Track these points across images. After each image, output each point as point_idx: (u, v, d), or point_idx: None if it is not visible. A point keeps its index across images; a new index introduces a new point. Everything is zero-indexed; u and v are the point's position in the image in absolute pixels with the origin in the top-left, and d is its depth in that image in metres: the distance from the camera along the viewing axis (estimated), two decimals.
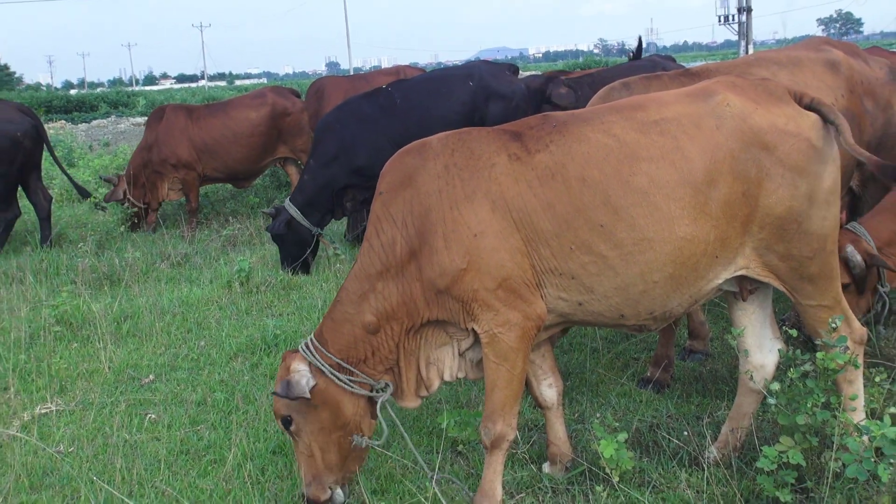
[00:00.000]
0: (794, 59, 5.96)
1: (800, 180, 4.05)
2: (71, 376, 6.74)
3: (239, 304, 8.48)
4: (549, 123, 4.23)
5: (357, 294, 4.32)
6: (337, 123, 9.41)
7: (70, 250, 11.12)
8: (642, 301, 4.19)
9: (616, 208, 4.02)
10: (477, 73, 9.38)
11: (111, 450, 5.33)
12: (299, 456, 4.38)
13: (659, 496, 4.38)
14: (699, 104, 4.14)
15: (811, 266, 4.16)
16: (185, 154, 12.30)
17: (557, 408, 4.73)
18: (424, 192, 4.18)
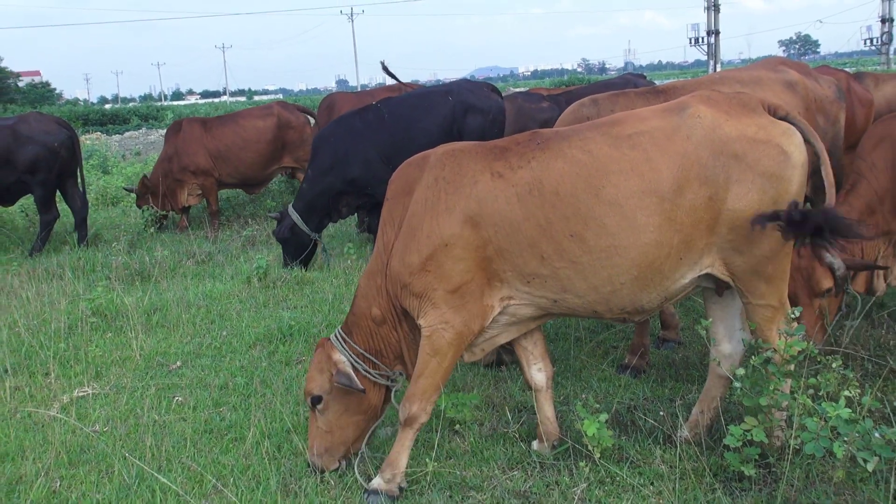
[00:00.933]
0: (755, 78, 5.95)
1: (768, 185, 4.02)
2: (106, 363, 6.74)
3: (257, 297, 8.48)
4: (535, 140, 4.24)
5: (367, 290, 4.49)
6: (332, 137, 9.52)
7: (105, 249, 11.11)
8: (613, 299, 4.19)
9: (586, 219, 4.03)
10: (456, 90, 9.43)
11: (142, 429, 5.33)
12: (315, 430, 4.51)
13: (636, 470, 4.38)
14: (673, 118, 4.12)
15: (768, 266, 4.13)
16: (203, 161, 12.33)
17: (547, 390, 4.73)
18: (416, 199, 4.27)
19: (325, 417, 4.48)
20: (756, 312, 4.27)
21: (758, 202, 4.01)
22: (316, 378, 4.46)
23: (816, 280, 5.18)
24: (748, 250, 4.10)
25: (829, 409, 3.78)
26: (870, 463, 3.65)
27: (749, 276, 4.17)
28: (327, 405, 4.46)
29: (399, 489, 4.32)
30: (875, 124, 5.76)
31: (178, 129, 12.63)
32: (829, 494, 3.73)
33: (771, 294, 4.22)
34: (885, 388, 4.76)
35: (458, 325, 4.21)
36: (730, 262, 4.16)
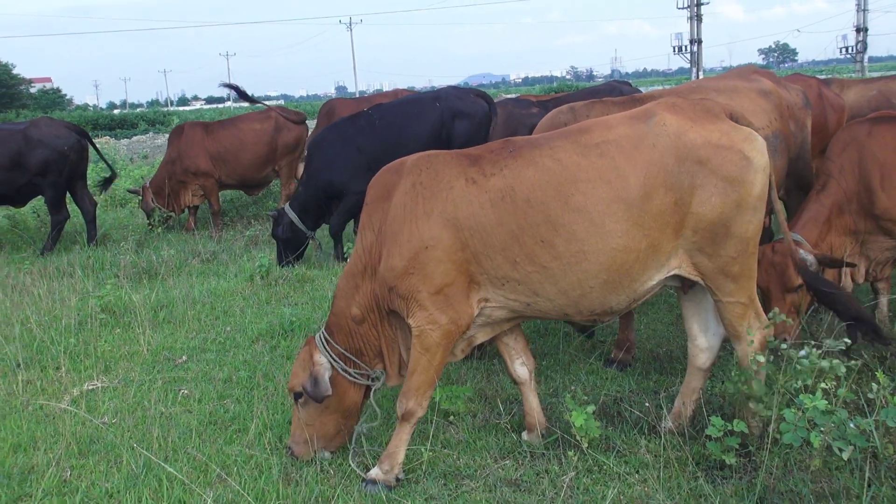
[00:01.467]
0: (731, 87, 5.95)
1: (731, 189, 4.02)
2: (114, 357, 6.72)
3: (260, 294, 8.47)
4: (507, 148, 4.24)
5: (347, 290, 4.49)
6: (324, 142, 9.58)
7: (113, 248, 11.08)
8: (582, 302, 4.19)
9: (556, 225, 4.03)
10: (444, 96, 9.44)
11: (149, 421, 5.32)
12: (297, 421, 4.55)
13: (622, 460, 4.39)
14: (639, 125, 4.12)
15: (734, 266, 4.13)
16: (203, 163, 12.33)
17: (530, 383, 4.74)
18: (395, 204, 4.26)
19: (306, 412, 4.51)
20: (726, 309, 4.27)
21: (721, 205, 4.01)
22: (299, 374, 4.46)
23: (789, 276, 5.20)
24: (713, 251, 4.10)
25: (807, 400, 3.80)
26: (845, 452, 3.67)
27: (716, 275, 4.17)
28: (308, 401, 4.46)
29: (396, 479, 4.32)
30: (843, 129, 5.82)
31: (181, 133, 12.64)
32: (807, 482, 3.74)
33: (739, 292, 4.21)
34: (860, 380, 4.77)
35: (445, 325, 4.20)
36: (697, 263, 4.16)
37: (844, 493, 3.62)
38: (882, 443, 3.77)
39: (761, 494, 3.81)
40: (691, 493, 4.00)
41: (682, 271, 4.19)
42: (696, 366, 4.58)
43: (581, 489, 4.14)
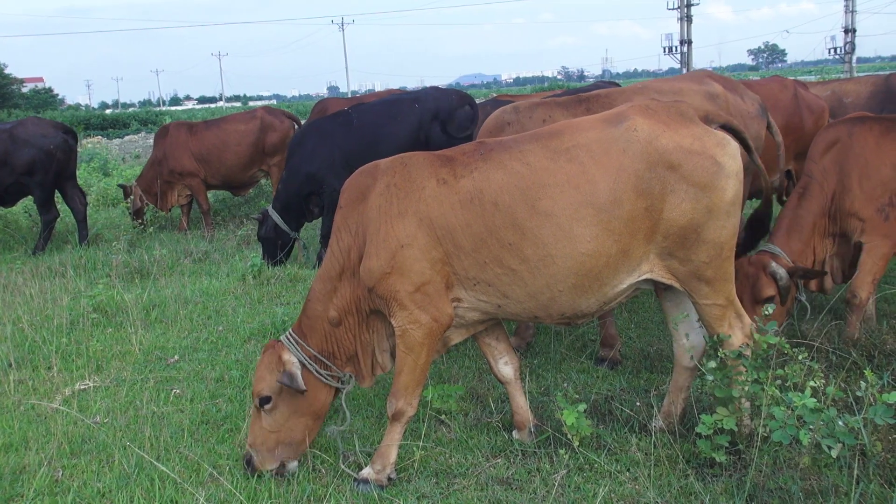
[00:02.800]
0: (677, 89, 5.92)
1: (702, 195, 4.00)
2: (106, 357, 6.70)
3: (252, 294, 8.45)
4: (479, 150, 4.24)
5: (323, 293, 4.42)
6: (304, 139, 9.58)
7: (105, 248, 11.06)
8: (552, 306, 4.19)
9: (522, 229, 4.02)
10: (423, 97, 9.42)
11: (141, 420, 5.30)
12: (259, 429, 4.37)
13: (613, 458, 4.39)
14: (610, 130, 4.09)
15: (707, 270, 4.12)
16: (188, 164, 12.33)
17: (516, 381, 4.74)
18: (370, 206, 4.25)
19: (272, 417, 4.35)
20: (704, 311, 4.28)
21: (692, 211, 4.01)
22: (266, 378, 4.33)
23: (759, 288, 5.24)
24: (685, 256, 4.09)
25: (796, 398, 3.81)
26: (834, 450, 3.68)
27: (690, 279, 4.17)
28: (276, 405, 4.34)
29: (388, 479, 4.31)
30: (824, 130, 5.81)
31: (166, 134, 12.66)
32: (796, 480, 3.75)
33: (715, 294, 4.21)
34: (849, 378, 4.79)
35: (426, 323, 4.18)
36: (669, 267, 4.16)
37: (833, 490, 3.63)
38: (870, 440, 3.79)
39: (751, 492, 3.82)
40: (681, 490, 4.01)
41: (655, 275, 4.18)
42: (683, 365, 4.59)
43: (572, 487, 4.14)
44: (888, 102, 8.22)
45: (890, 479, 3.71)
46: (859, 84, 8.82)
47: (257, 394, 4.33)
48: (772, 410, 3.88)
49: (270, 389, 4.31)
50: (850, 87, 8.79)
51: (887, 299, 6.41)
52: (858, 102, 8.42)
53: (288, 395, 4.33)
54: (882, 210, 5.37)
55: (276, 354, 4.37)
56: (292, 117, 13.19)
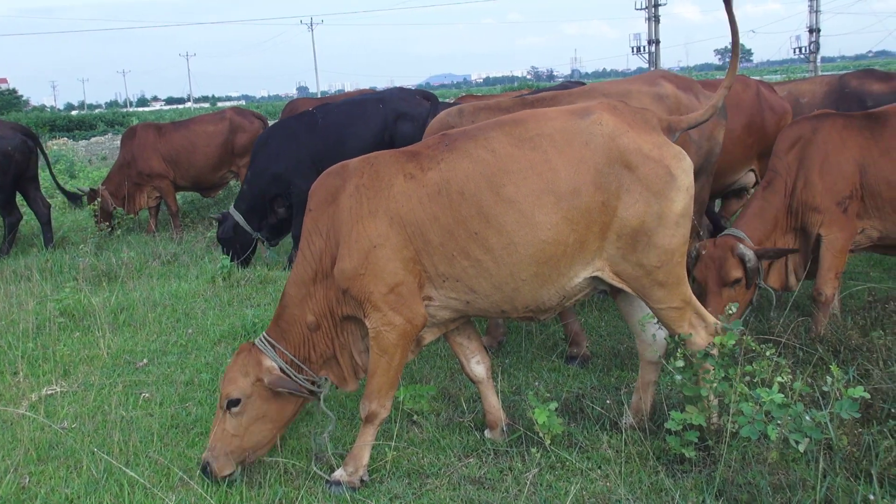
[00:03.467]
0: (624, 90, 5.96)
1: (654, 200, 4.06)
2: (73, 361, 6.61)
3: (222, 296, 8.39)
4: (443, 142, 4.24)
5: (299, 298, 4.38)
6: (269, 140, 9.51)
7: (72, 251, 10.93)
8: (517, 297, 4.21)
9: (487, 217, 4.04)
10: (388, 98, 9.44)
11: (110, 425, 5.24)
12: (222, 432, 4.28)
13: (584, 455, 4.41)
14: (575, 121, 4.14)
15: (659, 274, 4.17)
16: (157, 165, 12.23)
17: (488, 381, 4.75)
18: (341, 208, 4.23)
19: (238, 421, 4.26)
20: (661, 315, 4.33)
21: (644, 213, 4.06)
22: (238, 380, 4.26)
23: (727, 270, 5.31)
24: (635, 258, 4.14)
25: (764, 394, 3.85)
26: (801, 444, 3.72)
27: (642, 282, 4.21)
28: (244, 409, 4.25)
29: (361, 481, 4.30)
30: (788, 127, 5.90)
31: (133, 135, 12.53)
32: (764, 474, 3.79)
33: (670, 297, 4.26)
34: (815, 374, 4.85)
35: (400, 325, 4.17)
36: (619, 270, 4.20)
37: (801, 484, 3.67)
38: (836, 434, 3.84)
39: (720, 487, 3.86)
40: (652, 487, 4.04)
41: (605, 276, 4.23)
42: (647, 360, 4.64)
43: (544, 486, 4.16)
44: (842, 102, 8.36)
45: (855, 473, 3.76)
46: (814, 84, 8.94)
47: (227, 395, 4.26)
48: (740, 406, 3.92)
49: (241, 392, 4.26)
50: (806, 87, 8.90)
51: (853, 295, 6.50)
52: (814, 102, 8.55)
53: (258, 399, 4.28)
54: (841, 203, 5.48)
55: (254, 358, 4.31)
56: (261, 118, 13.13)
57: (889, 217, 5.55)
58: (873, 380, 4.57)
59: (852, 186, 5.48)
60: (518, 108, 5.83)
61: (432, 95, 9.80)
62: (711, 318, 4.40)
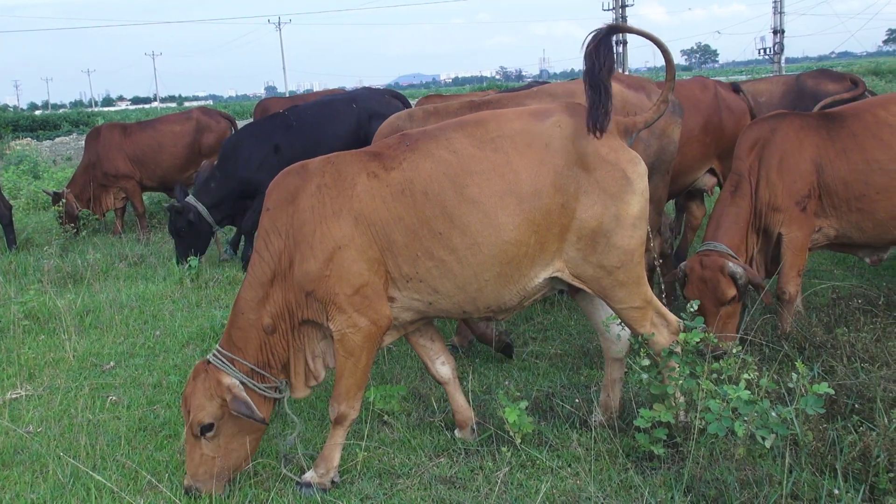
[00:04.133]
0: (569, 90, 5.99)
1: (611, 203, 4.11)
2: (39, 365, 6.52)
3: (190, 298, 8.32)
4: (404, 142, 4.23)
5: (255, 301, 4.24)
6: (240, 142, 9.42)
7: (36, 253, 10.78)
8: (479, 298, 4.22)
9: (451, 217, 4.05)
10: (359, 97, 9.44)
11: (76, 429, 5.18)
12: (200, 458, 4.15)
13: (555, 454, 4.43)
14: (535, 123, 4.17)
15: (620, 274, 4.21)
16: (123, 166, 12.06)
17: (454, 381, 4.75)
18: (302, 208, 4.16)
19: (215, 444, 4.15)
20: (623, 315, 4.37)
21: (601, 215, 4.11)
22: (206, 406, 4.10)
23: (721, 290, 5.33)
24: (596, 260, 4.18)
25: (731, 391, 3.89)
26: (768, 440, 3.77)
27: (602, 283, 4.25)
28: (218, 431, 4.14)
29: (332, 483, 4.29)
30: (748, 128, 5.93)
31: (98, 136, 12.35)
32: (732, 470, 3.83)
33: (631, 297, 4.30)
34: (781, 370, 4.91)
35: (365, 327, 4.15)
36: (579, 272, 4.23)
37: (767, 479, 3.71)
38: (802, 430, 3.89)
39: (688, 483, 3.89)
40: (622, 484, 4.07)
41: (565, 276, 4.26)
42: (612, 357, 4.69)
43: (515, 484, 4.17)
44: (799, 101, 8.49)
45: (821, 468, 3.81)
46: (771, 84, 9.06)
47: (198, 423, 4.10)
48: (707, 403, 3.96)
49: (212, 416, 4.11)
50: (763, 86, 9.01)
51: (817, 293, 6.59)
52: (772, 101, 8.67)
53: (229, 417, 4.15)
54: (800, 202, 5.55)
55: (214, 379, 4.15)
56: (228, 118, 13.02)
57: (845, 216, 5.65)
58: (837, 376, 4.65)
59: (810, 185, 5.57)
60: (465, 111, 5.86)
61: (400, 95, 9.81)
62: (673, 317, 4.45)
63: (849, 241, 5.80)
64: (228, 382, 4.14)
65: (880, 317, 5.49)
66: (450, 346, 6.13)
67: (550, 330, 6.66)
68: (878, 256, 5.98)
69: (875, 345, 5.00)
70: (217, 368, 4.19)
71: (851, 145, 5.57)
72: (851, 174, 5.54)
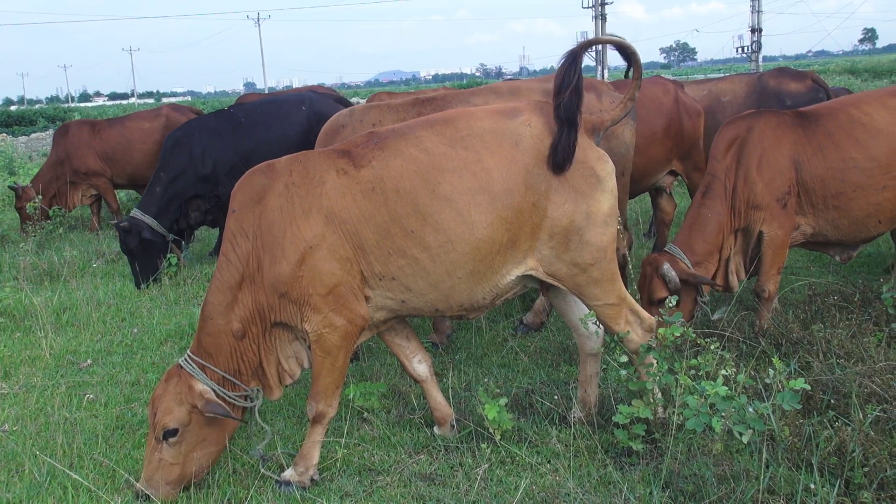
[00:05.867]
0: (513, 88, 6.02)
1: (581, 200, 4.14)
2: (15, 362, 6.46)
3: (168, 295, 8.27)
4: (372, 141, 4.21)
5: (223, 305, 4.15)
6: (185, 138, 9.02)
7: (12, 250, 10.67)
8: (452, 296, 4.22)
9: (424, 215, 4.04)
10: (308, 100, 9.22)
11: (53, 427, 5.14)
12: (158, 463, 4.07)
13: (534, 450, 4.45)
14: (504, 122, 4.18)
15: (594, 271, 4.25)
16: (92, 163, 11.89)
17: (431, 378, 4.75)
18: (269, 208, 4.10)
19: (176, 450, 4.06)
20: (599, 312, 4.41)
21: (573, 213, 4.14)
22: (174, 410, 4.02)
23: (652, 289, 5.46)
24: (569, 257, 4.21)
25: (708, 387, 3.92)
26: (745, 435, 3.80)
27: (577, 280, 4.28)
28: (182, 437, 4.05)
29: (311, 480, 4.27)
30: (725, 126, 5.94)
31: (66, 133, 12.13)
32: (709, 465, 3.86)
33: (605, 294, 4.34)
34: (758, 366, 4.95)
35: (341, 326, 4.12)
36: (554, 270, 4.26)
37: (744, 474, 3.74)
38: (778, 426, 3.93)
39: (667, 479, 3.92)
40: (601, 480, 4.09)
41: (538, 274, 4.28)
42: (587, 352, 4.72)
43: (494, 481, 4.18)
44: (762, 100, 8.53)
45: (797, 462, 3.85)
46: (734, 83, 9.04)
47: (163, 426, 4.03)
48: (685, 399, 3.98)
49: (178, 422, 4.03)
50: (726, 86, 9.01)
51: (794, 290, 6.65)
52: (735, 101, 8.70)
53: (196, 425, 4.09)
54: (781, 199, 5.60)
55: (186, 384, 4.08)
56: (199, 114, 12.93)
57: (822, 214, 5.71)
58: (814, 372, 4.69)
59: (790, 182, 5.61)
60: (406, 108, 5.86)
61: (344, 98, 9.74)
62: (647, 315, 4.49)
63: (824, 238, 5.86)
64: (200, 388, 4.08)
65: (855, 313, 5.55)
66: (428, 344, 6.14)
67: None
68: (847, 255, 6.06)
69: (851, 341, 5.04)
70: (189, 374, 4.12)
71: (827, 143, 5.62)
72: (828, 172, 5.60)
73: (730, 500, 3.51)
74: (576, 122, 4.06)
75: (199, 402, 4.03)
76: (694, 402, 3.94)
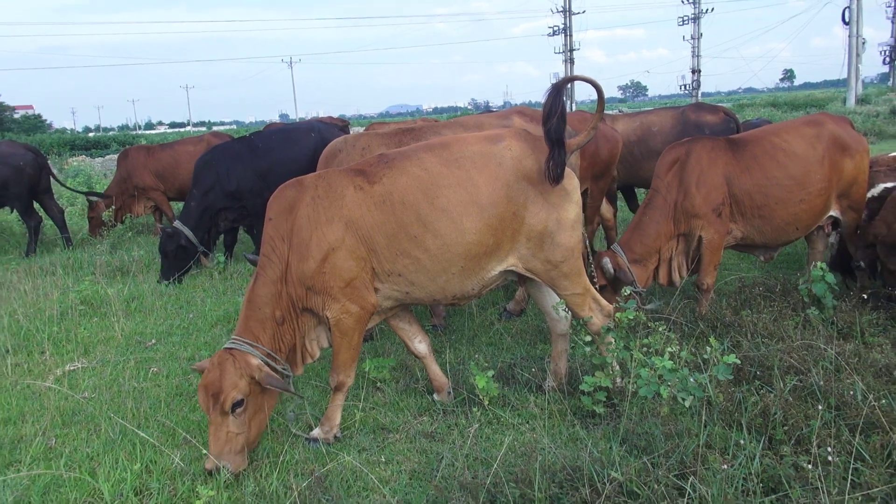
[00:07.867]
0: (478, 122, 5.98)
1: (552, 210, 4.17)
2: (93, 342, 6.45)
3: (218, 287, 8.25)
4: (382, 161, 4.21)
5: (269, 297, 4.10)
6: (213, 161, 8.87)
7: (90, 250, 10.63)
8: (447, 288, 4.23)
9: (425, 223, 4.05)
10: (317, 128, 9.09)
11: (124, 395, 5.14)
12: (226, 435, 3.85)
13: (515, 413, 4.44)
14: (490, 146, 4.20)
15: (564, 267, 4.27)
16: (149, 181, 11.84)
17: (429, 355, 4.75)
18: (300, 216, 4.10)
19: (241, 420, 3.90)
20: (567, 301, 4.43)
21: (546, 220, 4.17)
22: (238, 384, 3.85)
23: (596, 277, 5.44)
24: (543, 256, 4.24)
25: (657, 361, 3.93)
26: (687, 401, 3.81)
27: (551, 274, 4.31)
28: (246, 407, 3.92)
29: (335, 437, 4.27)
30: (667, 151, 5.89)
31: (126, 156, 12.10)
32: (658, 425, 3.85)
33: (573, 286, 4.36)
34: (698, 345, 4.95)
35: (356, 312, 4.13)
36: (531, 266, 4.29)
37: (687, 432, 3.74)
38: (714, 393, 3.93)
39: (624, 436, 3.91)
40: (570, 437, 4.08)
41: (518, 269, 4.31)
42: (557, 333, 4.73)
43: (483, 438, 4.18)
44: (686, 130, 8.34)
45: (730, 423, 3.85)
46: (661, 116, 8.78)
47: (232, 399, 3.83)
48: (638, 371, 3.99)
49: (243, 393, 3.87)
50: (655, 118, 8.76)
51: (727, 283, 6.65)
52: (664, 130, 8.51)
53: (254, 396, 3.96)
54: (716, 209, 5.60)
55: (242, 360, 3.93)
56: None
57: (750, 221, 5.71)
58: (743, 349, 4.70)
59: (723, 195, 5.61)
60: (391, 136, 5.84)
61: (346, 127, 9.65)
62: (606, 302, 4.52)
63: (751, 241, 5.87)
64: (257, 363, 3.99)
65: (777, 301, 5.55)
66: (430, 327, 6.14)
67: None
68: (770, 255, 6.07)
69: (773, 324, 5.04)
70: (244, 353, 4.02)
71: (754, 165, 5.63)
72: (754, 188, 5.60)
73: (675, 453, 3.51)
74: (564, 141, 4.06)
75: (258, 373, 3.94)
76: (645, 373, 3.95)
